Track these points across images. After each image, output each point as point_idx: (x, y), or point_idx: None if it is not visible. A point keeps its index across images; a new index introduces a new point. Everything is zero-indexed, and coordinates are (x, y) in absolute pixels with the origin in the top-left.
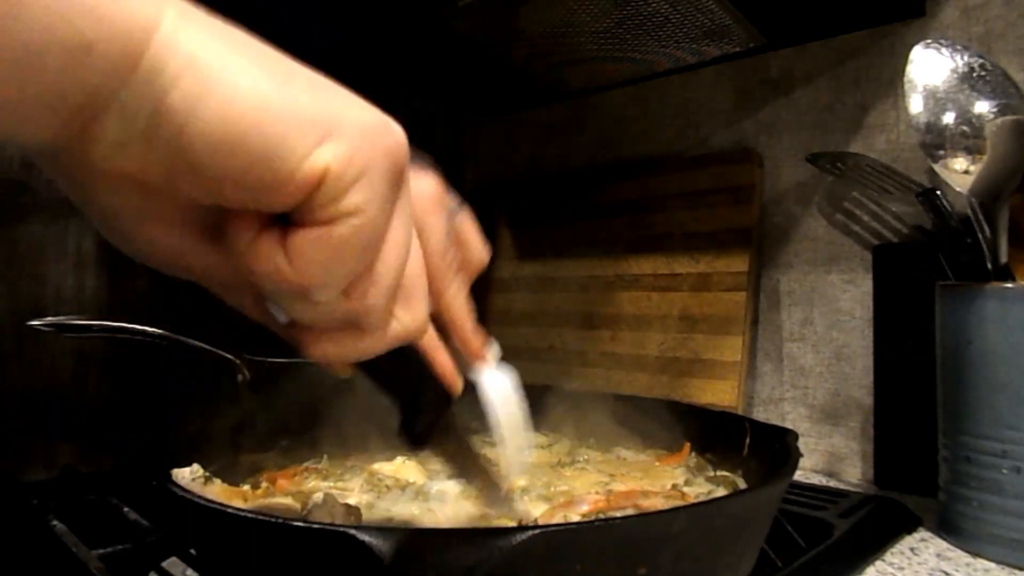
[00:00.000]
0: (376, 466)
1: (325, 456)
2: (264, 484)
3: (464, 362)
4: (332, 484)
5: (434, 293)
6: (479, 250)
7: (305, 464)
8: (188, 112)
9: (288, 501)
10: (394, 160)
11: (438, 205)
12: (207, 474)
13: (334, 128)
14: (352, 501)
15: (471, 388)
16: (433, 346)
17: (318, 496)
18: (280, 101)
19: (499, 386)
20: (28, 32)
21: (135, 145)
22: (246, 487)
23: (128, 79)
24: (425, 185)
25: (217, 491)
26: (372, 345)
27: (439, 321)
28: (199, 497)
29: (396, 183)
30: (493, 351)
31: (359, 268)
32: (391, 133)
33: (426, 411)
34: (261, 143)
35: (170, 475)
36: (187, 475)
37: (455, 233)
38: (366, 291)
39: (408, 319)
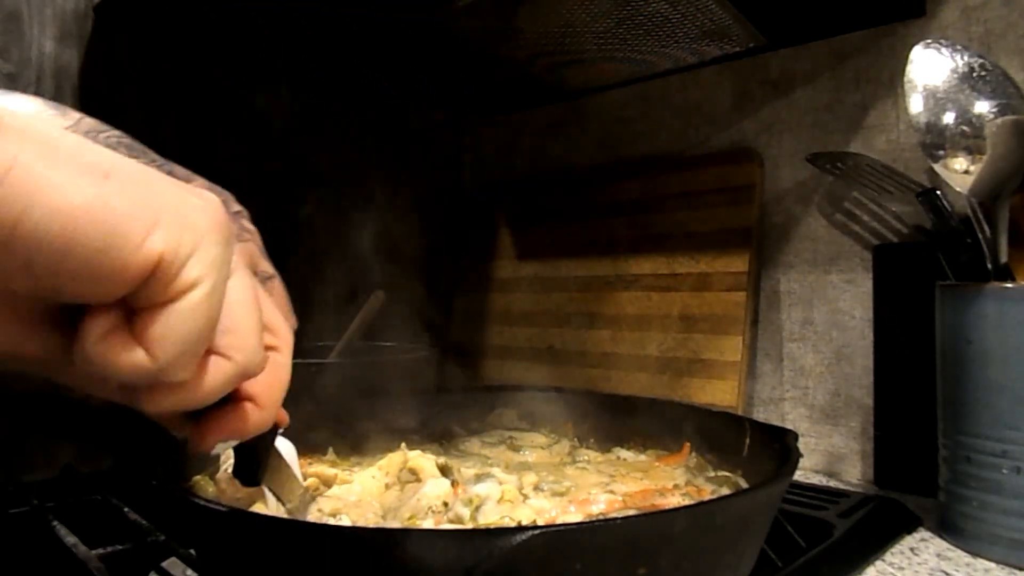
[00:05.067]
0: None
1: (331, 448)
2: None
3: None
4: (340, 473)
5: None
6: (288, 317)
7: (309, 461)
8: (21, 212)
9: None
10: (220, 231)
11: (247, 266)
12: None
13: (159, 217)
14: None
15: None
16: None
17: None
18: (103, 200)
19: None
20: None
21: None
22: None
23: None
24: (237, 247)
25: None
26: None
27: None
28: (199, 497)
29: (227, 248)
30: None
31: (210, 336)
32: (213, 210)
33: (260, 452)
34: (97, 238)
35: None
36: None
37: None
38: (237, 346)
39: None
